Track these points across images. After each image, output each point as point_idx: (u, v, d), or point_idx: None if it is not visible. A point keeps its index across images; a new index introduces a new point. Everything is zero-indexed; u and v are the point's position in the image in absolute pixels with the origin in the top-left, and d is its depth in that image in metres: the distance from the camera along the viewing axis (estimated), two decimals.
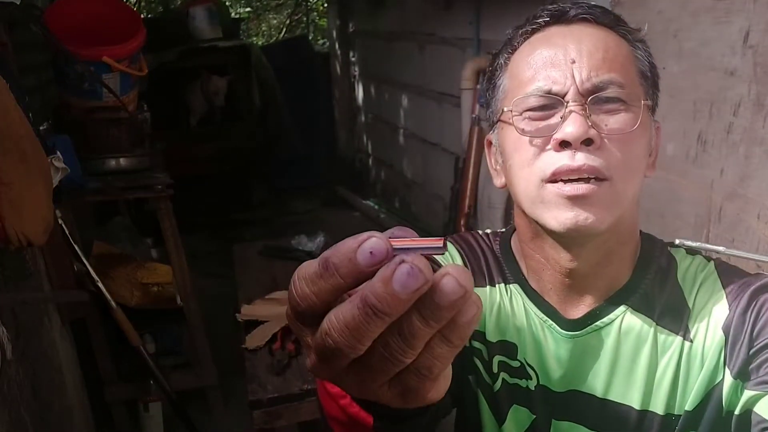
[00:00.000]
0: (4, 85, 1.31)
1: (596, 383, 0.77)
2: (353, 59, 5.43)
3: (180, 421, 2.33)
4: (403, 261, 0.32)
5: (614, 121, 0.70)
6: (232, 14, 7.30)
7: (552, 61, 0.72)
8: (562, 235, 0.72)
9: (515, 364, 0.82)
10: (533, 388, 0.81)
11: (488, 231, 0.92)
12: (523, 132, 0.73)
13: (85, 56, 2.13)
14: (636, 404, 0.75)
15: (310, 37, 7.83)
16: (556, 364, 0.79)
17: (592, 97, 0.70)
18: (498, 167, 0.82)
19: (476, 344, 0.84)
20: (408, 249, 0.34)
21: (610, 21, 0.75)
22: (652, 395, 0.75)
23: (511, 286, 0.84)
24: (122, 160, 2.33)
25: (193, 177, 4.36)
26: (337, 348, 0.34)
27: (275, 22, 9.68)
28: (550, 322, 0.79)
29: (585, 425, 0.79)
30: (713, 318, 0.72)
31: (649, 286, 0.77)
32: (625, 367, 0.76)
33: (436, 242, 0.35)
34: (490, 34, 2.98)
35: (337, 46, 5.52)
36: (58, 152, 1.73)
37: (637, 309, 0.76)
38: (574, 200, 0.69)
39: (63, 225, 2.04)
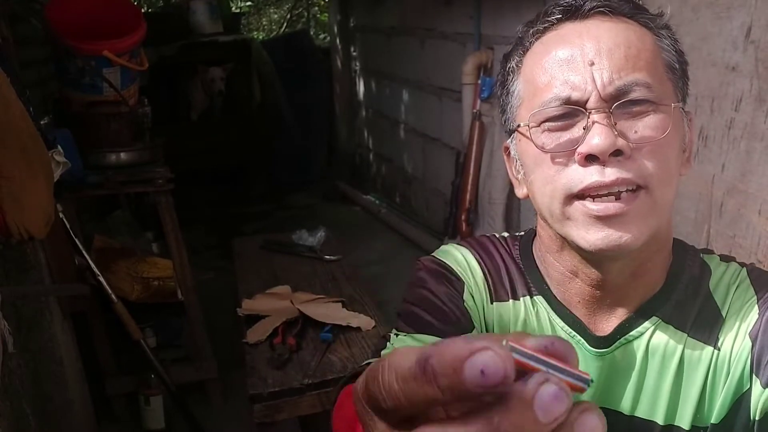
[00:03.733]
0: (5, 79, 1.31)
1: (624, 399, 0.73)
2: (354, 54, 5.42)
3: (180, 414, 2.34)
4: (547, 379, 0.26)
5: (644, 126, 0.64)
6: (233, 8, 7.28)
7: (569, 64, 0.66)
8: (593, 254, 0.66)
9: None
10: None
11: (506, 234, 0.86)
12: (543, 148, 0.67)
13: (86, 51, 2.13)
14: (660, 419, 0.71)
15: (311, 32, 7.81)
16: None
17: (617, 103, 0.64)
18: (519, 177, 0.76)
19: None
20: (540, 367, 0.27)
21: (629, 10, 0.69)
22: (678, 409, 0.71)
23: (535, 298, 0.77)
24: (123, 154, 2.33)
25: (194, 171, 4.37)
26: None
27: (276, 16, 9.66)
28: (579, 337, 0.74)
29: None
30: (743, 324, 0.68)
31: (682, 295, 0.72)
32: (652, 381, 0.72)
33: (582, 374, 0.28)
34: (491, 29, 2.98)
35: (337, 40, 5.51)
36: (59, 146, 1.73)
37: (669, 320, 0.71)
38: (605, 220, 0.63)
39: (64, 219, 2.04)
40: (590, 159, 0.63)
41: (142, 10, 4.91)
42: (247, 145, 5.02)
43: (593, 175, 0.63)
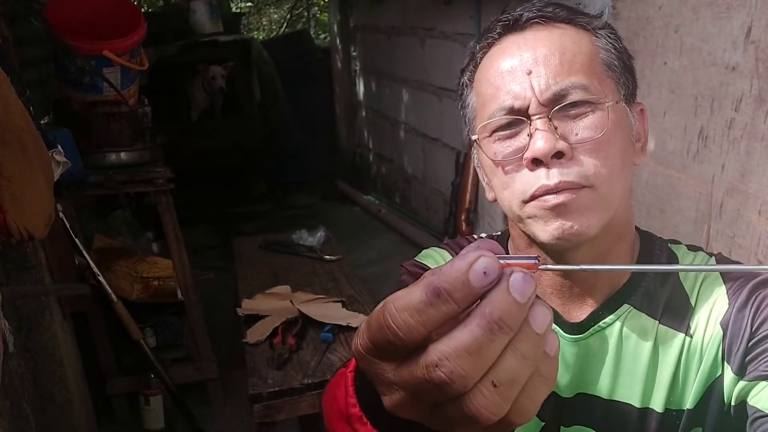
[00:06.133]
0: (5, 78, 1.31)
1: (602, 384, 0.77)
2: (354, 54, 5.42)
3: (180, 414, 2.34)
4: (513, 271, 0.33)
5: (583, 127, 0.69)
6: (233, 8, 7.28)
7: (510, 75, 0.71)
8: (554, 245, 0.71)
9: None
10: None
11: (483, 235, 0.91)
12: (495, 157, 0.72)
13: (86, 50, 2.13)
14: (636, 402, 0.75)
15: (311, 32, 7.81)
16: (562, 369, 0.78)
17: (556, 107, 0.68)
18: (485, 182, 0.82)
19: None
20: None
21: (565, 16, 0.73)
22: (652, 392, 0.74)
23: None
24: (123, 154, 2.33)
25: (194, 171, 4.36)
26: (446, 381, 0.33)
27: (276, 16, 9.67)
28: (554, 326, 0.77)
29: (593, 428, 0.78)
30: (713, 313, 0.72)
31: (651, 284, 0.76)
32: (628, 366, 0.75)
33: (530, 259, 0.35)
34: None
35: (338, 40, 5.51)
36: (59, 146, 1.73)
37: (640, 307, 0.75)
38: (557, 210, 0.68)
39: (64, 218, 2.04)
40: (536, 163, 0.68)
41: (142, 10, 4.91)
42: (247, 145, 5.02)
43: (540, 179, 0.68)
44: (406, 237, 4.11)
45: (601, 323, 0.76)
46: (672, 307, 0.74)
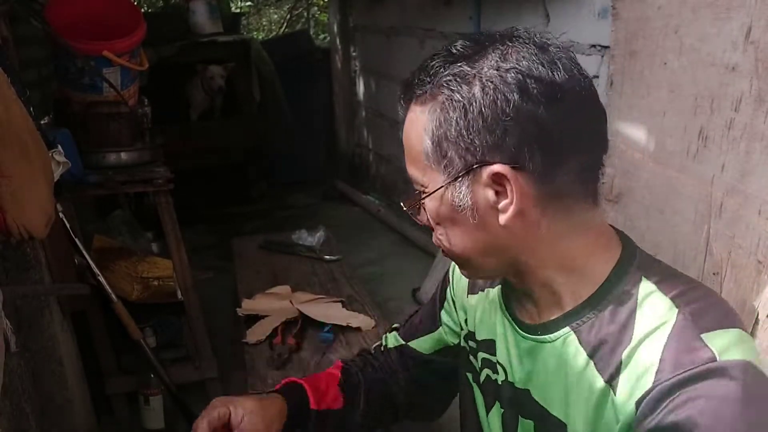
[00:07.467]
0: (5, 79, 1.32)
1: (541, 390, 0.82)
2: (354, 54, 5.42)
3: (180, 413, 2.34)
4: None
5: (426, 212, 0.79)
6: (233, 8, 7.27)
7: None
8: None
9: (494, 359, 0.89)
10: (500, 383, 0.88)
11: None
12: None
13: (86, 51, 2.13)
14: (564, 419, 0.78)
15: (311, 32, 7.81)
16: (517, 363, 0.84)
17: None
18: None
19: (471, 343, 0.95)
20: None
21: (410, 95, 0.74)
22: (576, 419, 0.75)
23: (494, 289, 0.92)
24: (123, 154, 2.32)
25: (193, 171, 4.36)
26: None
27: (276, 16, 9.66)
28: (513, 324, 0.86)
29: (536, 425, 0.83)
30: (637, 387, 0.67)
31: (596, 318, 0.73)
32: (558, 384, 0.78)
33: None
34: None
35: (337, 41, 5.51)
36: (59, 146, 1.74)
37: (579, 336, 0.75)
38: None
39: (64, 218, 2.04)
40: None
41: (142, 10, 4.90)
42: (247, 145, 5.02)
43: None
44: (405, 237, 4.11)
45: (546, 336, 0.79)
46: (606, 348, 0.71)
